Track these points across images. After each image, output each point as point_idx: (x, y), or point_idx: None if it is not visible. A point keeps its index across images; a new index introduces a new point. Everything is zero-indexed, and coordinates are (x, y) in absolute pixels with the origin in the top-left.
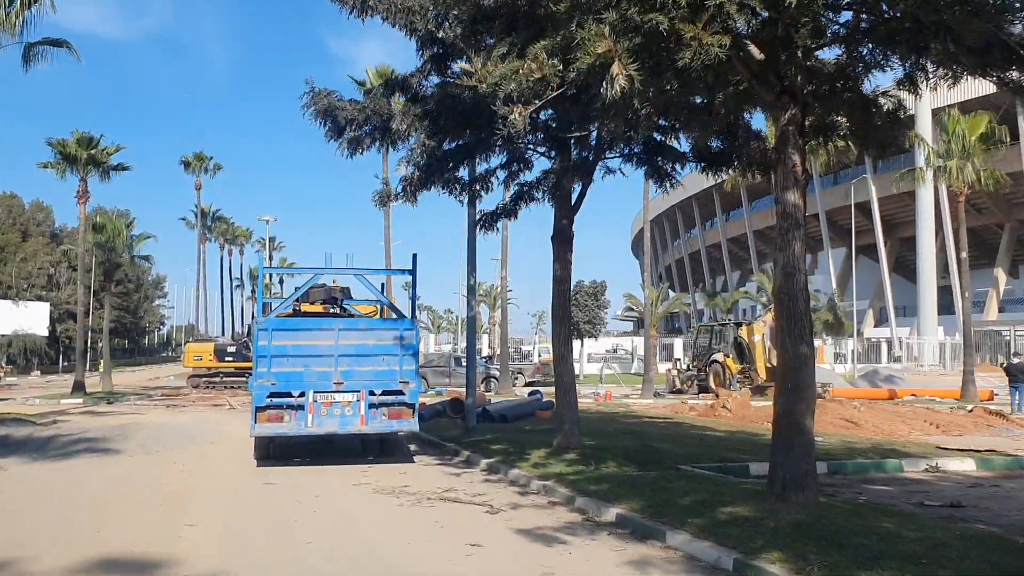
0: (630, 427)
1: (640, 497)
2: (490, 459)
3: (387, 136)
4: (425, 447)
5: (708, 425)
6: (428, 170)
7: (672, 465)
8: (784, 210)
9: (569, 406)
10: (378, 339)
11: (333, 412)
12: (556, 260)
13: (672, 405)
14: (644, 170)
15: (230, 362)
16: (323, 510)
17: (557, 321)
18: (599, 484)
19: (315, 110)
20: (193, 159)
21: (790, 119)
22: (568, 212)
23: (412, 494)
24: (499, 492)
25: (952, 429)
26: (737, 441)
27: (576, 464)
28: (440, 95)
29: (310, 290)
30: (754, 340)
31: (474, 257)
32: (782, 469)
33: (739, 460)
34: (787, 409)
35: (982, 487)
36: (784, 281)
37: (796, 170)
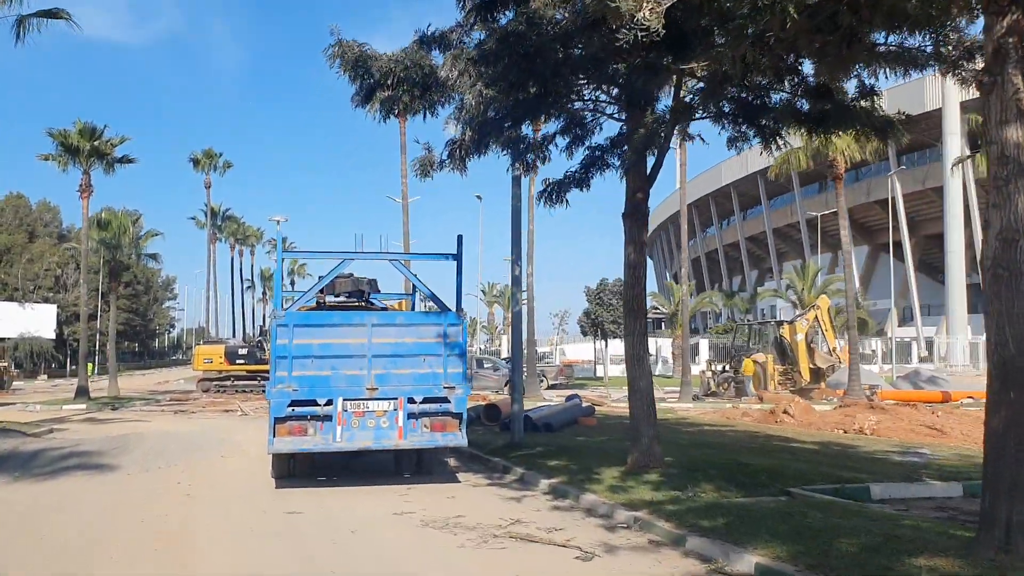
0: (697, 438)
1: (777, 537)
2: (552, 479)
3: (428, 93)
4: (466, 461)
5: (785, 435)
6: (482, 129)
7: (781, 489)
8: (1001, 153)
9: (647, 416)
10: (418, 336)
11: (366, 423)
12: (629, 242)
13: (723, 411)
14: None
15: (241, 365)
16: (364, 555)
17: (631, 315)
18: (710, 517)
19: (343, 62)
20: (202, 156)
21: (1009, 28)
22: (643, 184)
23: (471, 528)
24: (579, 526)
25: None
26: (834, 455)
27: (664, 488)
28: (502, 33)
29: (335, 280)
30: (797, 339)
31: (519, 243)
32: (1006, 508)
33: (854, 480)
34: (1013, 425)
35: None
36: (1003, 249)
37: (1019, 97)
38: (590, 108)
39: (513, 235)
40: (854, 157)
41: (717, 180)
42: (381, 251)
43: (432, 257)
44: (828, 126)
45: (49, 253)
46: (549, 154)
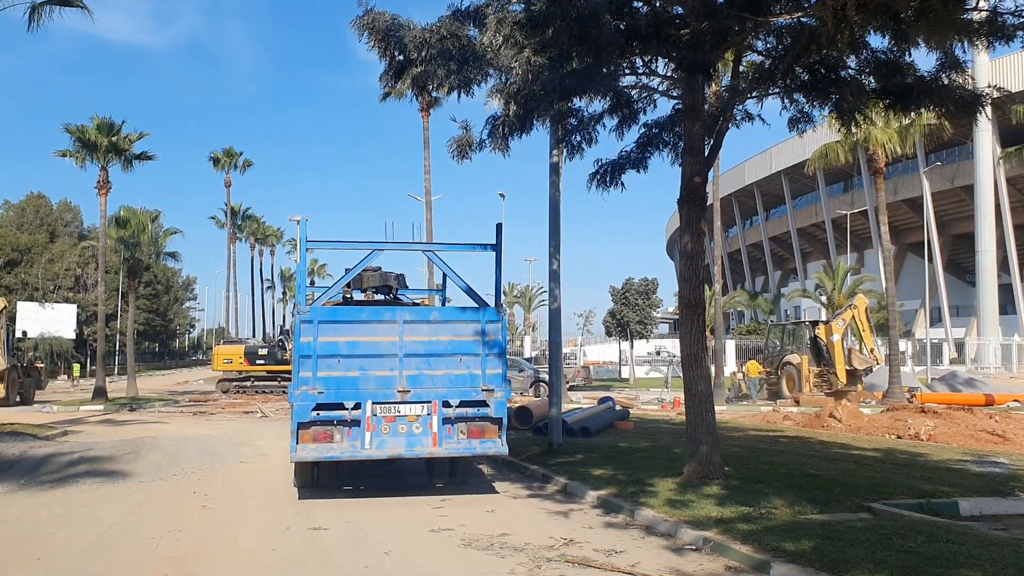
0: (748, 443)
1: (881, 567)
2: (599, 491)
3: (465, 68)
4: (502, 469)
5: (842, 441)
6: (527, 104)
7: (859, 503)
8: None
9: (706, 423)
10: (454, 334)
11: (398, 429)
12: (685, 230)
13: (763, 414)
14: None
15: (261, 365)
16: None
17: (688, 310)
18: (793, 539)
19: (371, 33)
20: (223, 155)
21: None
22: (700, 167)
23: (519, 549)
24: (640, 547)
25: None
26: (903, 465)
27: (730, 503)
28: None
29: (363, 273)
30: (833, 340)
31: (558, 236)
32: None
33: (938, 493)
34: None
35: None
36: None
37: None
38: (642, 85)
39: (551, 227)
40: (895, 151)
41: (740, 179)
42: (414, 242)
43: (469, 248)
44: (909, 103)
45: (69, 253)
46: (596, 135)
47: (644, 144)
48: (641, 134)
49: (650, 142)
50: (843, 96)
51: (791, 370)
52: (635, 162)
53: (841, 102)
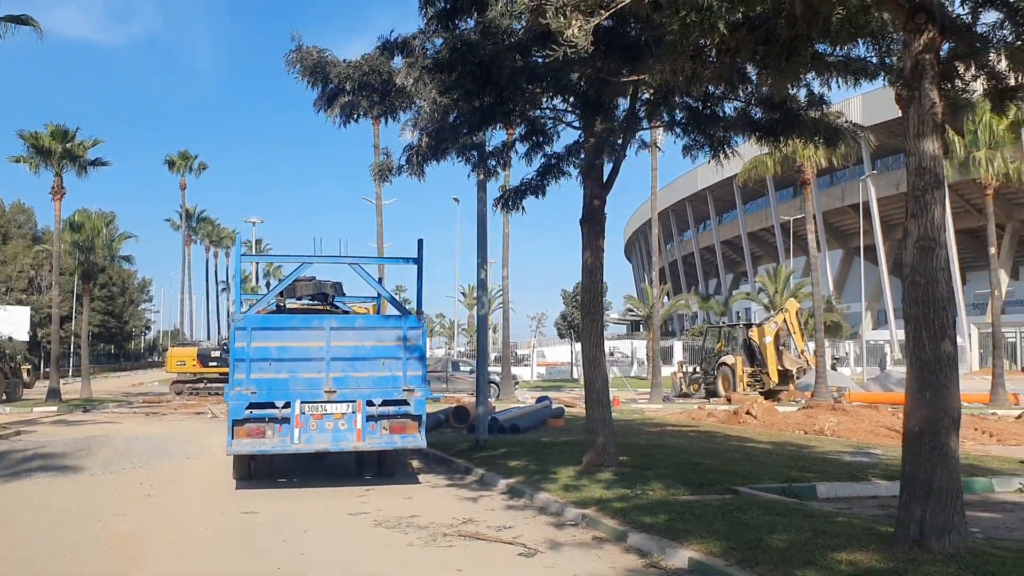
0: (659, 438)
1: (713, 533)
2: (510, 479)
3: (387, 99)
4: (430, 463)
5: (744, 435)
6: (439, 136)
7: (728, 487)
8: (919, 164)
9: (602, 417)
10: (378, 339)
11: (324, 426)
12: (586, 247)
13: (689, 411)
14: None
15: (214, 367)
16: (314, 552)
17: (588, 318)
18: (654, 514)
19: (302, 68)
20: (178, 158)
21: (927, 44)
22: (600, 190)
23: (423, 528)
24: (528, 524)
25: (1008, 438)
26: (787, 455)
27: (616, 486)
28: (454, 43)
29: (296, 283)
30: (765, 342)
31: (485, 247)
32: (920, 506)
33: (802, 479)
34: (927, 427)
35: None
36: (920, 258)
37: (935, 111)
38: (549, 116)
39: (479, 239)
40: (821, 163)
41: (694, 184)
42: (341, 255)
43: (393, 261)
44: (777, 135)
45: (23, 255)
46: (510, 160)
47: (543, 172)
48: (542, 163)
49: (548, 170)
50: (715, 130)
51: (726, 370)
52: (535, 188)
53: (713, 136)
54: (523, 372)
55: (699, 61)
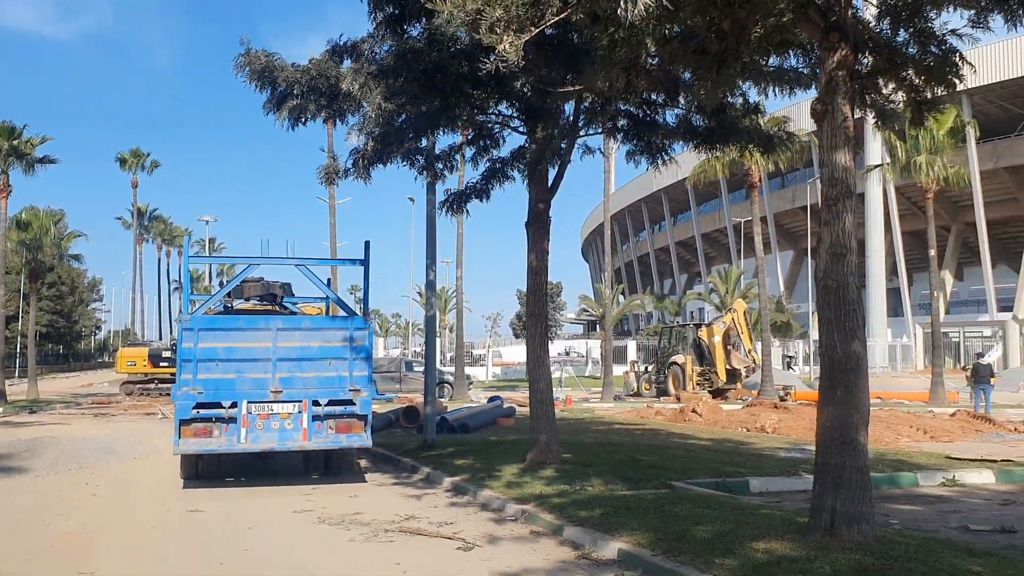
0: (604, 436)
1: (644, 526)
2: (455, 477)
3: (335, 102)
4: (378, 463)
5: (686, 432)
6: (384, 140)
7: (665, 482)
8: (832, 175)
9: (546, 415)
10: (324, 340)
11: (271, 425)
12: (531, 249)
13: (638, 410)
14: (628, 148)
15: (166, 368)
16: (256, 548)
17: (532, 319)
18: (589, 509)
19: (250, 71)
20: (129, 156)
21: (840, 62)
22: (545, 195)
23: (365, 524)
24: (470, 519)
25: (941, 435)
26: (726, 451)
27: (556, 483)
28: (399, 50)
29: (244, 284)
30: (714, 342)
31: (433, 248)
32: (831, 497)
33: (736, 474)
34: (838, 423)
35: (1016, 504)
36: (832, 263)
37: (847, 125)
38: (496, 121)
39: (428, 241)
40: (769, 167)
41: (649, 185)
42: (287, 257)
43: (339, 263)
44: (714, 142)
45: None
46: (457, 163)
47: (488, 176)
48: (486, 168)
49: (493, 175)
50: (655, 136)
51: (676, 370)
52: (479, 192)
53: (652, 143)
54: (479, 372)
55: (633, 73)
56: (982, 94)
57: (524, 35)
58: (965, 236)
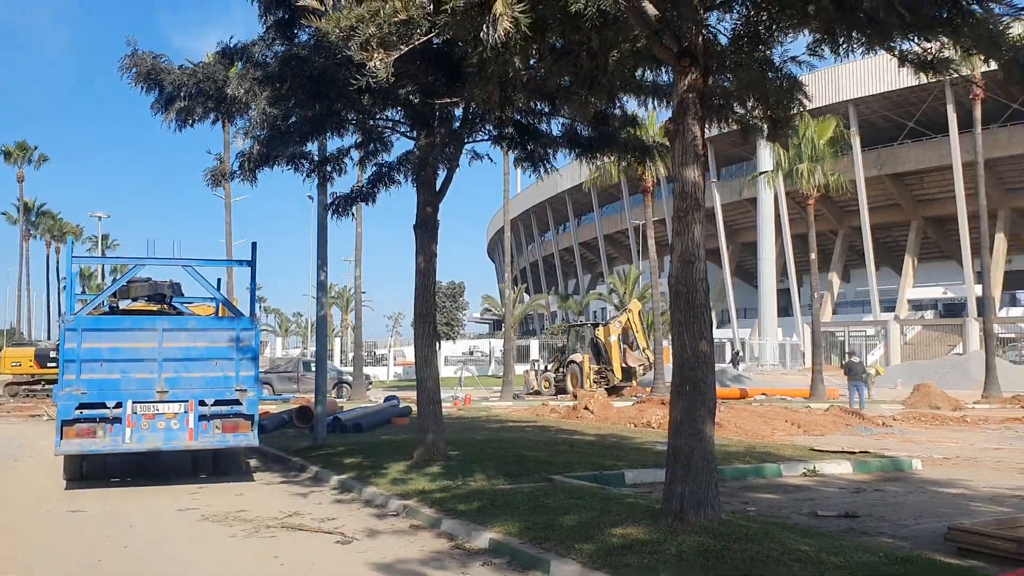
0: (495, 433)
1: (516, 517)
2: (342, 475)
3: (223, 106)
4: (268, 462)
5: (575, 428)
6: (270, 144)
7: (545, 476)
8: (682, 189)
9: (433, 414)
10: (211, 341)
11: (156, 425)
12: (419, 252)
13: (534, 407)
14: (514, 156)
15: (53, 368)
16: (136, 545)
17: (420, 319)
18: (468, 502)
19: (136, 73)
20: (15, 149)
21: (690, 85)
22: (432, 198)
23: (248, 521)
24: (352, 515)
25: (813, 429)
26: (608, 446)
27: (441, 479)
28: (285, 56)
29: (130, 285)
30: (610, 341)
31: (325, 249)
32: (681, 484)
33: (614, 467)
34: (686, 415)
35: (866, 492)
36: (682, 270)
37: (696, 144)
38: (386, 125)
39: (319, 242)
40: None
41: (554, 187)
42: (175, 258)
43: (225, 263)
44: (595, 151)
45: None
46: (346, 167)
47: (374, 181)
48: (372, 172)
49: (379, 179)
50: (537, 145)
51: (575, 368)
52: (365, 196)
53: (534, 151)
54: (381, 372)
55: (510, 87)
56: (867, 104)
57: (394, 53)
58: (851, 240)
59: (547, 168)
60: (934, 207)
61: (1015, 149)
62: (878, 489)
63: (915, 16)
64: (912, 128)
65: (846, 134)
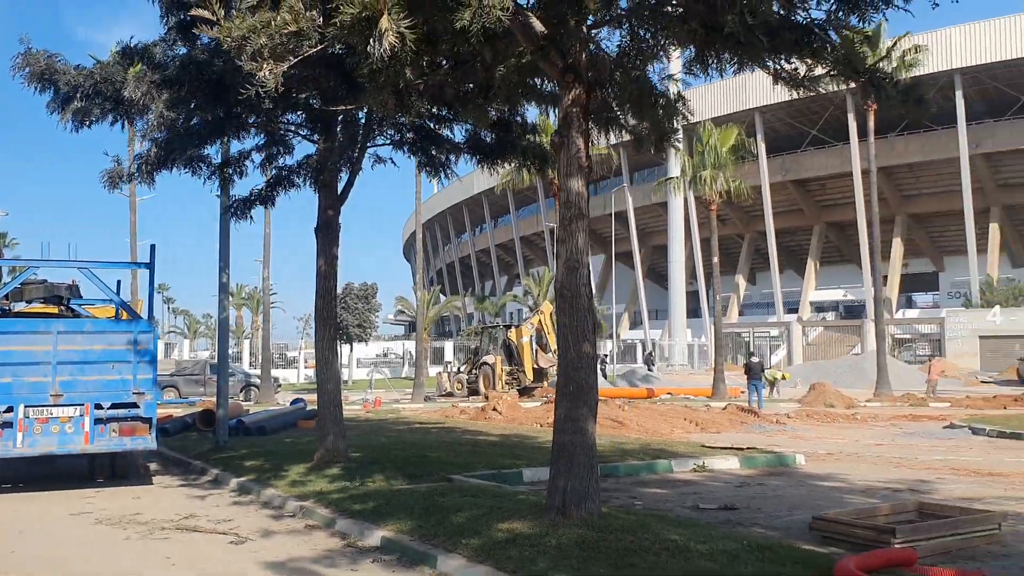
0: (400, 435)
1: (410, 516)
2: (242, 478)
3: (121, 107)
4: (169, 466)
5: (481, 429)
6: (168, 147)
7: (445, 476)
8: (567, 199)
9: (333, 416)
10: (108, 343)
11: (50, 429)
12: (320, 255)
13: (443, 409)
14: (417, 161)
15: None
16: (25, 549)
17: (321, 322)
18: (364, 502)
19: (30, 72)
20: None
21: (574, 99)
22: (334, 202)
23: (143, 523)
24: (249, 516)
25: (710, 427)
26: (511, 445)
27: (339, 480)
28: (184, 60)
29: (24, 287)
30: (522, 342)
31: (227, 251)
32: (563, 479)
33: (514, 466)
34: (569, 414)
35: (749, 486)
36: (567, 276)
37: (580, 156)
38: (289, 128)
39: (221, 244)
40: None
41: (470, 189)
42: (70, 259)
43: (123, 266)
44: (496, 157)
45: None
46: (247, 169)
47: (274, 184)
48: (272, 176)
49: (279, 182)
50: (439, 151)
51: (487, 369)
52: (264, 199)
53: (436, 156)
54: (291, 374)
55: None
56: (772, 112)
57: (283, 64)
58: (757, 243)
59: (447, 174)
60: (836, 212)
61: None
62: (761, 483)
63: (777, 40)
64: (815, 136)
65: (748, 142)
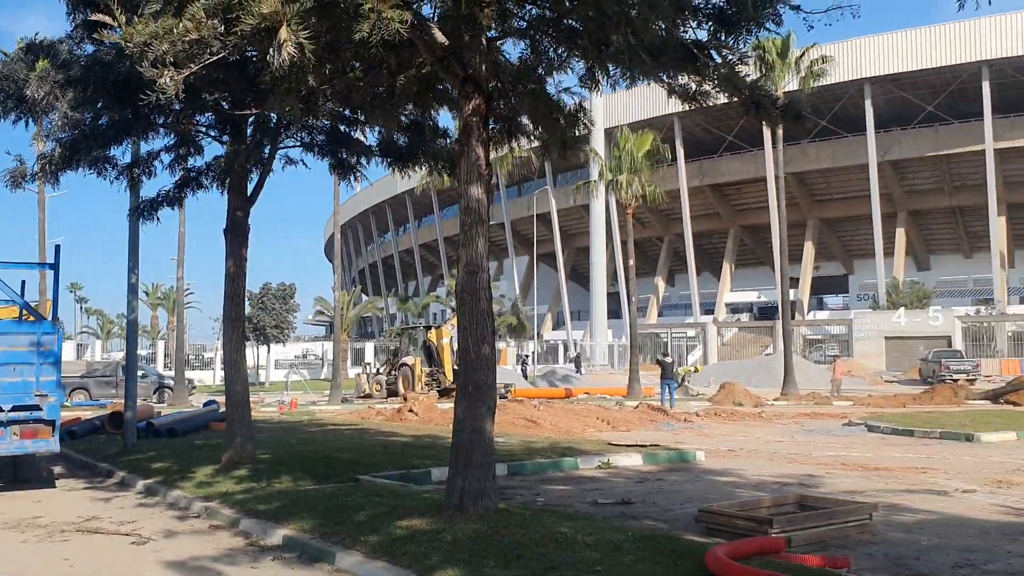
0: (312, 436)
1: (312, 515)
2: (148, 480)
3: (24, 106)
4: (74, 469)
5: (394, 430)
6: (73, 147)
7: (352, 477)
8: (467, 205)
9: (241, 417)
10: (9, 345)
11: None
12: (229, 256)
13: (359, 411)
14: (328, 163)
15: None
16: None
17: (229, 323)
18: (269, 503)
19: None
20: None
21: (474, 109)
22: (243, 203)
23: (43, 527)
24: (153, 518)
25: (621, 425)
26: (422, 446)
27: (247, 481)
28: (89, 61)
29: None
30: (443, 343)
31: (136, 252)
32: (461, 477)
33: (423, 466)
34: (468, 413)
35: (649, 481)
36: (467, 279)
37: (480, 164)
38: (199, 130)
39: (131, 244)
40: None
41: (393, 188)
42: None
43: (26, 267)
44: (407, 161)
45: None
46: (155, 170)
47: (182, 184)
48: (179, 176)
49: (187, 183)
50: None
51: (406, 370)
52: (171, 200)
53: (346, 159)
54: (208, 376)
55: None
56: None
57: (184, 71)
58: (675, 246)
59: (357, 176)
60: (751, 216)
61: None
62: (660, 479)
63: (663, 58)
64: (732, 141)
65: (664, 148)
